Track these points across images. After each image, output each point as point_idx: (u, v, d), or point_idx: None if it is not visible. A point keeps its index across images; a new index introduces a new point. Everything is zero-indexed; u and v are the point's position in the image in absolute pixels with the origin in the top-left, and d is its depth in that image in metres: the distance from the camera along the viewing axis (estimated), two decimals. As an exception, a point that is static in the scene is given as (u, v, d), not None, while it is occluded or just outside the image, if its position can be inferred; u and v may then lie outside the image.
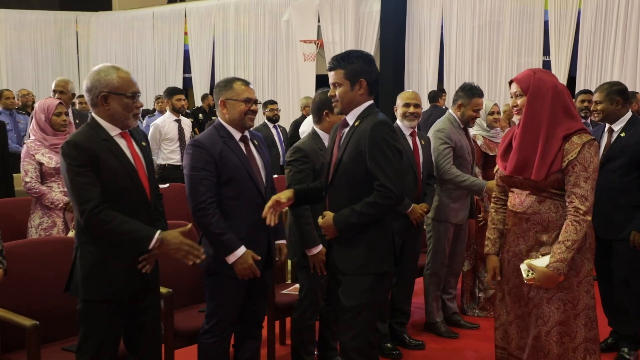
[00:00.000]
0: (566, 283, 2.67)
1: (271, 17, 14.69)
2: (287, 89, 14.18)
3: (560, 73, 10.45)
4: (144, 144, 2.73)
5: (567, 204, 2.67)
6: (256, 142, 3.14)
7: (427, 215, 4.16)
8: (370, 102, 2.82)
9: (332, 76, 2.80)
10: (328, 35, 13.53)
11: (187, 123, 6.50)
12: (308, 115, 6.90)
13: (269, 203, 2.81)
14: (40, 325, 2.71)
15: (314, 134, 3.58)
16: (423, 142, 4.11)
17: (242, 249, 2.88)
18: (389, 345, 4.05)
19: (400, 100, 4.11)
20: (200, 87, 15.67)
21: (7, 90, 7.13)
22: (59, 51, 17.59)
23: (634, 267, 3.82)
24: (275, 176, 3.70)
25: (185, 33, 16.24)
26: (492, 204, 3.01)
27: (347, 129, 2.82)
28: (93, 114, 2.62)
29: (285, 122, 9.96)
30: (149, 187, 2.66)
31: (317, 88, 12.95)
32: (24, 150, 3.96)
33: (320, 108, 3.56)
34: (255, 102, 3.04)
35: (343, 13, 13.37)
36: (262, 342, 3.26)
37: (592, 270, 2.77)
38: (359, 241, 2.73)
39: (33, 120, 3.97)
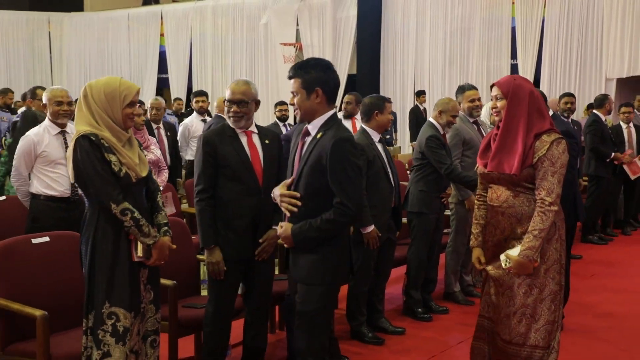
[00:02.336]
0: (534, 270, 2.92)
1: (249, 20, 15.14)
2: (267, 90, 14.68)
3: (527, 76, 11.37)
4: (267, 141, 3.39)
5: (536, 195, 2.91)
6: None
7: (450, 200, 4.91)
8: (332, 112, 2.85)
9: (291, 85, 2.84)
10: (307, 39, 14.16)
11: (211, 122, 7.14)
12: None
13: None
14: (49, 316, 2.82)
15: (364, 131, 4.28)
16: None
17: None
18: (420, 310, 4.78)
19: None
20: (177, 88, 15.99)
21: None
22: (32, 52, 17.59)
23: None
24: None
25: (162, 34, 16.51)
26: (475, 201, 3.25)
27: (309, 139, 2.85)
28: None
29: (265, 122, 10.53)
30: (262, 174, 3.33)
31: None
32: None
33: (371, 109, 4.26)
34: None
35: (321, 17, 14.00)
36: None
37: (562, 259, 3.01)
38: (315, 253, 2.80)
39: None
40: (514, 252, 2.92)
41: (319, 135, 2.79)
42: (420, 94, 11.81)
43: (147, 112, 6.44)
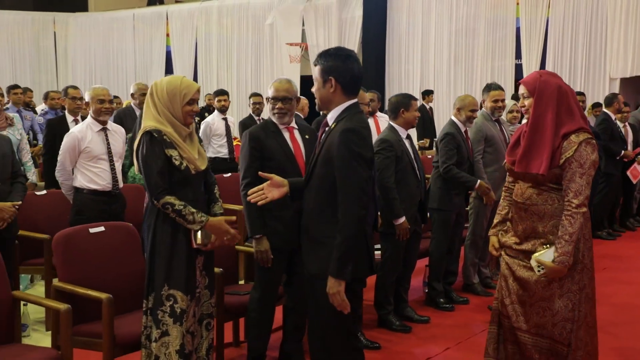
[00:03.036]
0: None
1: (254, 20, 15.27)
2: (272, 89, 14.82)
3: (532, 75, 11.58)
4: (307, 136, 3.59)
5: (564, 198, 2.87)
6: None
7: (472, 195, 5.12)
8: (350, 102, 2.70)
9: (313, 72, 2.75)
10: (312, 39, 14.33)
11: (232, 121, 7.32)
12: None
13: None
14: (113, 299, 2.99)
15: (391, 128, 4.47)
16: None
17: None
18: (442, 300, 4.97)
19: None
20: (183, 87, 16.19)
21: (54, 91, 7.76)
22: (37, 51, 17.67)
23: None
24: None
25: (167, 34, 16.64)
26: (503, 192, 3.26)
27: (327, 130, 2.76)
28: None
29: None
30: (305, 167, 3.51)
31: (301, 88, 13.82)
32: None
33: (397, 107, 4.46)
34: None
35: (327, 17, 14.16)
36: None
37: (585, 258, 2.95)
38: (329, 244, 2.61)
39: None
40: (545, 257, 2.89)
41: (333, 126, 2.69)
42: (427, 93, 11.95)
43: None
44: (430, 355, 4.07)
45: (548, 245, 2.92)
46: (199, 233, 2.97)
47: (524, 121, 3.52)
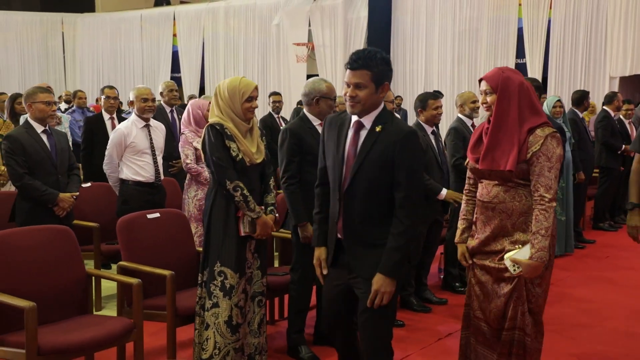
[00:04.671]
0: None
1: (261, 21, 15.50)
2: (279, 89, 15.13)
3: (535, 74, 11.90)
4: None
5: (533, 193, 2.83)
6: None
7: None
8: (383, 105, 2.79)
9: (354, 75, 2.67)
10: (319, 39, 14.63)
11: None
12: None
13: None
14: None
15: (418, 124, 4.82)
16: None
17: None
18: (458, 284, 5.32)
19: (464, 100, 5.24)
20: (189, 87, 16.39)
21: (81, 91, 8.11)
22: (45, 51, 17.90)
23: None
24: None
25: (174, 35, 16.84)
26: (464, 196, 3.19)
27: (364, 132, 2.74)
28: (304, 110, 3.83)
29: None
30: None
31: (308, 87, 14.16)
32: (182, 139, 5.04)
33: (416, 107, 4.83)
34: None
35: (333, 18, 14.42)
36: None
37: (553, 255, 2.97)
38: (380, 245, 2.69)
39: (189, 116, 5.04)
40: (520, 255, 2.83)
41: (378, 129, 2.70)
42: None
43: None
44: (450, 331, 4.42)
45: (520, 246, 2.87)
46: (247, 222, 3.32)
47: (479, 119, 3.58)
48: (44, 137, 4.24)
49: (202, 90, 15.89)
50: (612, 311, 4.88)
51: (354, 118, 2.78)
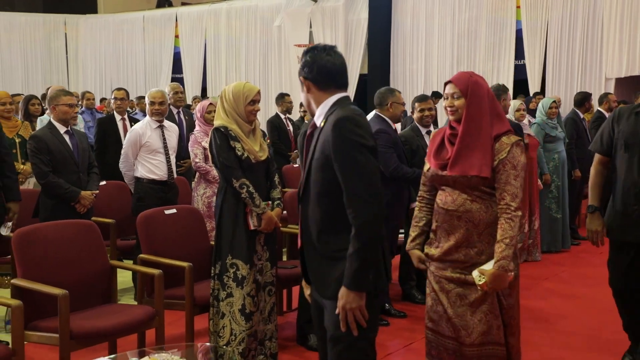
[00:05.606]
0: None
1: (263, 23, 15.66)
2: (280, 89, 15.30)
3: (535, 75, 12.16)
4: None
5: (498, 201, 2.75)
6: None
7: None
8: (336, 97, 2.40)
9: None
10: (320, 40, 14.76)
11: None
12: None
13: None
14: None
15: (414, 126, 5.06)
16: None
17: None
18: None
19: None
20: (192, 88, 16.50)
21: (89, 92, 8.32)
22: (48, 52, 18.06)
23: None
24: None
25: (177, 36, 16.99)
26: (417, 203, 3.09)
27: (317, 132, 2.42)
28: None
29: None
30: None
31: (309, 88, 14.34)
32: (192, 139, 5.26)
33: (413, 105, 5.06)
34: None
35: (333, 20, 14.61)
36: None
37: (518, 264, 2.90)
38: (342, 259, 2.28)
39: (197, 117, 5.27)
40: (488, 266, 2.73)
41: (322, 124, 2.37)
42: (435, 96, 12.34)
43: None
44: (451, 322, 4.64)
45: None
46: (255, 217, 3.54)
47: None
48: (67, 138, 4.47)
49: (204, 91, 16.05)
50: (608, 304, 5.10)
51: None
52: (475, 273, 2.74)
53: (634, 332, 3.77)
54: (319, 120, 2.41)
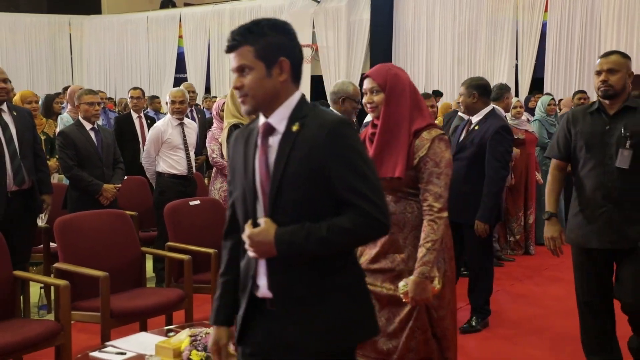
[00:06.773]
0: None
1: (266, 23, 16.04)
2: (282, 88, 15.53)
3: (525, 74, 12.42)
4: None
5: (422, 202, 2.56)
6: None
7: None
8: (300, 94, 1.92)
9: (234, 59, 1.88)
10: (322, 40, 15.09)
11: None
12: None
13: None
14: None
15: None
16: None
17: None
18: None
19: None
20: (195, 88, 16.68)
21: (102, 91, 8.58)
22: (53, 53, 18.30)
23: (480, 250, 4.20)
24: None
25: (180, 36, 17.21)
26: None
27: (276, 138, 1.87)
28: (331, 108, 4.31)
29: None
30: None
31: (312, 88, 14.63)
32: (209, 135, 5.52)
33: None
34: None
35: (336, 20, 14.85)
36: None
37: (453, 269, 2.72)
38: (321, 302, 1.84)
39: (216, 114, 5.53)
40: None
41: (295, 128, 1.85)
42: (435, 94, 12.65)
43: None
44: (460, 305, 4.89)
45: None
46: None
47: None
48: (92, 134, 4.74)
49: (207, 91, 16.26)
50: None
51: (262, 120, 1.93)
52: (401, 283, 2.54)
53: (599, 343, 3.42)
54: (280, 122, 1.87)
